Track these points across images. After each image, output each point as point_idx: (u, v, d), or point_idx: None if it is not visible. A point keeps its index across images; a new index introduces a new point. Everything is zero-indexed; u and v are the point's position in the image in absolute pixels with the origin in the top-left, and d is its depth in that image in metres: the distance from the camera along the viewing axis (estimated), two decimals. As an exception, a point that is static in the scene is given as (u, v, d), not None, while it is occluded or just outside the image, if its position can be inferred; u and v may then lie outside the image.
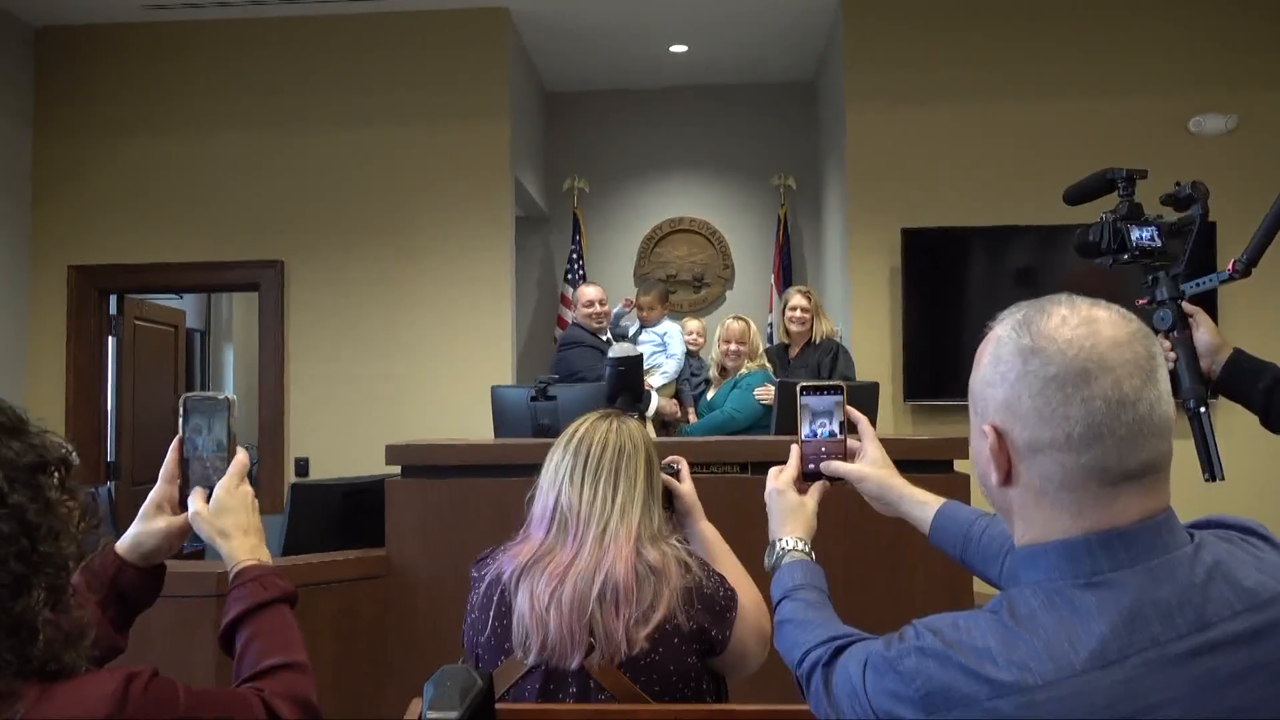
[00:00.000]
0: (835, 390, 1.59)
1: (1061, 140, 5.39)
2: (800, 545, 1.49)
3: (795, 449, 1.59)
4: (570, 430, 1.88)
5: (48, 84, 5.90)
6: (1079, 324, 1.05)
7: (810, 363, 4.91)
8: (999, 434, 1.07)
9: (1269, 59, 5.43)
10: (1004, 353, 1.07)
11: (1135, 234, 1.82)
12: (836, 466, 1.58)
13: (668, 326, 5.66)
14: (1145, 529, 1.02)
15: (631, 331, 5.64)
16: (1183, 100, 5.43)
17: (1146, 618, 0.98)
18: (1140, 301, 1.85)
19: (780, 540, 1.51)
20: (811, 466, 1.58)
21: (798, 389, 1.60)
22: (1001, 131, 5.54)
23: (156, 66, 5.87)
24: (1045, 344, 1.04)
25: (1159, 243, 1.82)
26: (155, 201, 5.83)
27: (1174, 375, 1.80)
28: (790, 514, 1.53)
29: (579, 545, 1.76)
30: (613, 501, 1.78)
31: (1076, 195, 1.95)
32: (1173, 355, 1.82)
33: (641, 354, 2.26)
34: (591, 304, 5.21)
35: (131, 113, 5.86)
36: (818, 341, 4.95)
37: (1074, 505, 1.04)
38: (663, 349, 5.54)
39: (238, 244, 5.81)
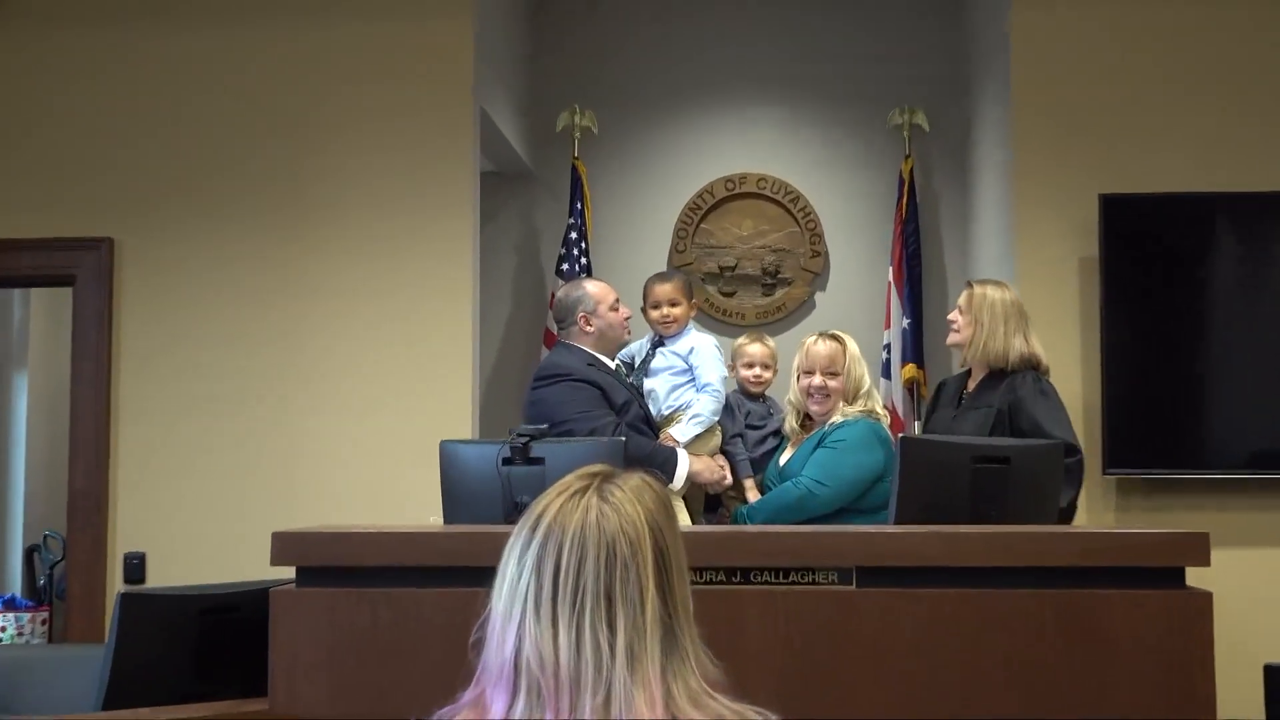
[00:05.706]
0: None
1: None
2: None
3: None
4: (528, 519, 1.35)
5: None
6: None
7: (981, 405, 3.59)
8: None
9: None
10: None
11: None
12: None
13: (695, 340, 4.15)
14: None
15: (643, 353, 4.28)
16: None
17: None
18: None
19: None
20: None
21: None
22: (1257, 44, 4.38)
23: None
24: None
25: None
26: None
27: None
28: None
29: None
30: (611, 648, 1.27)
31: None
32: None
33: None
34: (595, 312, 4.02)
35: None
36: (1009, 369, 3.63)
37: None
38: (687, 376, 4.10)
39: (40, 214, 4.63)
